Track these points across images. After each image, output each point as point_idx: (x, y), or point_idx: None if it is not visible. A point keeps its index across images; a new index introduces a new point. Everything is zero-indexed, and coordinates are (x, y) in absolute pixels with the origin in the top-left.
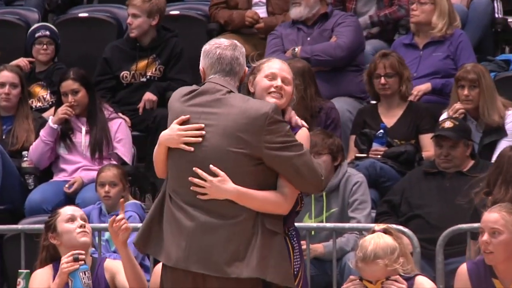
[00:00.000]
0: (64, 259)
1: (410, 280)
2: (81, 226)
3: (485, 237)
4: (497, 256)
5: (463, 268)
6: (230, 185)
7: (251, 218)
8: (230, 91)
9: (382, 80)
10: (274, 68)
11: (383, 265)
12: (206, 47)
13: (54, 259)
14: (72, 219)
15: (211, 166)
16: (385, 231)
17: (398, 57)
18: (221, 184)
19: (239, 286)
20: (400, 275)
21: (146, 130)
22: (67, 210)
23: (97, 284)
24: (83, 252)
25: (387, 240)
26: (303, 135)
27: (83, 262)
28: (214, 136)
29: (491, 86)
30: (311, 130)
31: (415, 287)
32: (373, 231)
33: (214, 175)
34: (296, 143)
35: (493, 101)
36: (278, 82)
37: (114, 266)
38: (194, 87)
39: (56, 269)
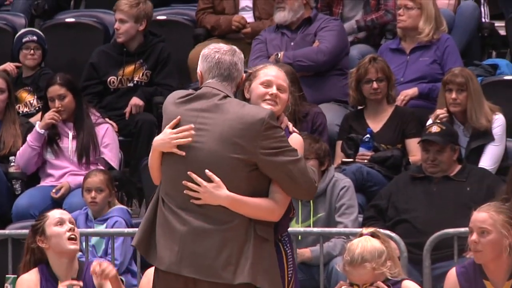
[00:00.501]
0: (60, 287)
1: (397, 284)
2: (70, 230)
3: (474, 236)
4: (486, 255)
5: (452, 272)
6: (223, 191)
7: (244, 224)
8: (227, 96)
9: (374, 84)
10: (270, 75)
11: (371, 268)
12: (205, 51)
13: (39, 262)
14: (61, 222)
15: (206, 171)
16: (373, 235)
17: (385, 60)
18: (214, 190)
19: None
20: (387, 279)
21: (129, 135)
22: (56, 214)
23: None
24: (80, 284)
25: (375, 243)
26: (296, 141)
27: None
28: (210, 140)
29: (479, 90)
30: None
31: None
32: (361, 235)
33: (209, 180)
34: (291, 148)
35: (481, 105)
36: (274, 90)
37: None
38: (190, 91)
39: (42, 273)
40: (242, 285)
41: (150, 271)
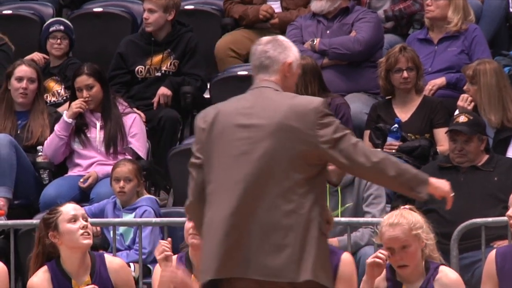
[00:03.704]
0: None
1: (435, 269)
2: (83, 227)
3: (510, 211)
4: None
5: (493, 252)
6: None
7: (304, 220)
8: (266, 87)
9: (405, 74)
10: None
11: (408, 228)
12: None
13: (50, 256)
14: (74, 219)
15: None
16: (411, 209)
17: (414, 50)
18: None
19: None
20: (427, 267)
21: (152, 130)
22: (69, 210)
23: (102, 285)
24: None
25: (414, 214)
26: None
27: None
28: (262, 138)
29: (492, 85)
30: None
31: (439, 276)
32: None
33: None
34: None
35: (493, 102)
36: None
37: (120, 274)
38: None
39: (53, 272)
40: (304, 282)
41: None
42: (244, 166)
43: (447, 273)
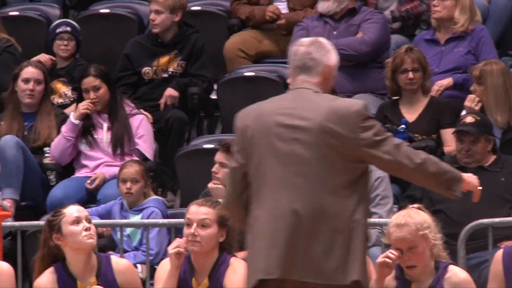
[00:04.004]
0: None
1: (444, 268)
2: (86, 229)
3: None
4: None
5: (499, 251)
6: None
7: (350, 223)
8: (306, 89)
9: (410, 74)
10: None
11: (415, 228)
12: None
13: (56, 258)
14: (77, 221)
15: None
16: (419, 208)
17: (421, 51)
18: None
19: None
20: (437, 267)
21: (159, 131)
22: (72, 212)
23: (108, 286)
24: None
25: (421, 213)
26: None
27: None
28: (305, 138)
29: (499, 86)
30: None
31: (449, 275)
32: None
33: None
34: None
35: (499, 102)
36: None
37: (126, 275)
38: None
39: (58, 272)
40: (350, 283)
41: (165, 262)
42: (288, 167)
43: (457, 272)
